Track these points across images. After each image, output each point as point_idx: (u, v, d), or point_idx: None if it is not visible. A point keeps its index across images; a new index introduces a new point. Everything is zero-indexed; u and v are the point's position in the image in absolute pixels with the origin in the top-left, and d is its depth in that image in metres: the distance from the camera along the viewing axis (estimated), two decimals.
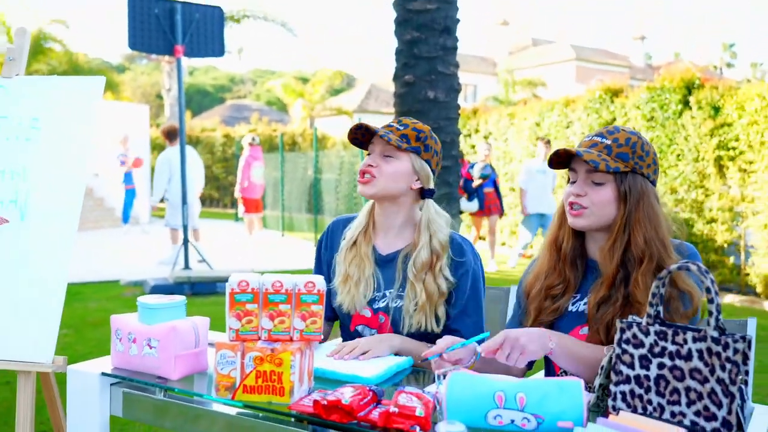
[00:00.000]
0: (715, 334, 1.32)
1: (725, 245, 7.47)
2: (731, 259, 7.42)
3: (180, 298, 1.63)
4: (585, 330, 1.64)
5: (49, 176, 2.07)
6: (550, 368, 1.74)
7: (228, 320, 1.42)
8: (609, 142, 1.61)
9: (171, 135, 8.43)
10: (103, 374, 1.60)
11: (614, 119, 8.94)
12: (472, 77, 33.47)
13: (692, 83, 7.95)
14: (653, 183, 1.64)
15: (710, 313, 1.33)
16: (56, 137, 2.10)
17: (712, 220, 7.52)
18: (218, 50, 7.31)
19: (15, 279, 2.00)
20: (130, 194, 12.87)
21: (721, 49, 31.84)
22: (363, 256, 1.92)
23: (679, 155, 7.87)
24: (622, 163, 1.59)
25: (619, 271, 1.60)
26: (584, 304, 1.66)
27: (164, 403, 1.54)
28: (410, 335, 1.85)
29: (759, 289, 7.06)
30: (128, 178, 12.81)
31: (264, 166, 11.44)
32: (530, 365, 1.78)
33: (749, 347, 1.32)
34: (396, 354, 1.76)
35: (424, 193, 1.90)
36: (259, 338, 1.42)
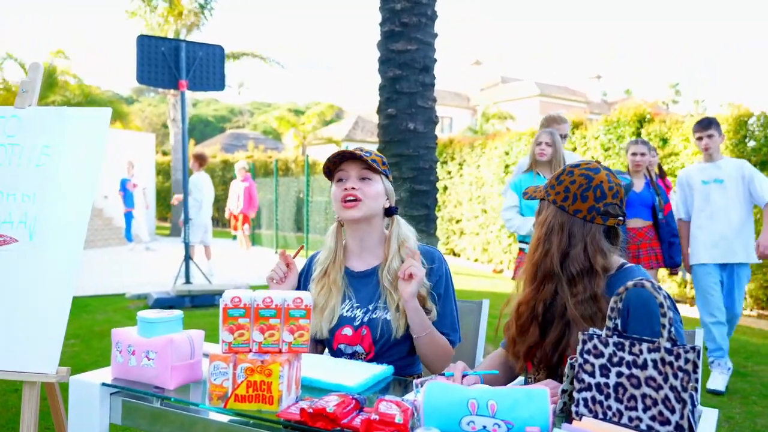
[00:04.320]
0: (668, 345, 1.31)
1: None
2: (680, 275, 7.46)
3: (177, 313, 1.59)
4: None
5: (56, 199, 2.02)
6: (526, 377, 1.72)
7: (221, 333, 1.38)
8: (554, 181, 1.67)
9: (201, 161, 8.55)
10: (104, 384, 1.54)
11: (575, 149, 9.03)
12: (448, 111, 33.75)
13: (644, 117, 8.06)
14: (589, 220, 1.58)
15: (663, 326, 1.32)
16: (65, 163, 2.06)
17: None
18: (219, 85, 7.29)
19: (23, 295, 1.94)
20: (129, 216, 12.76)
21: (668, 87, 32.37)
22: (331, 284, 1.89)
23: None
24: (559, 197, 1.63)
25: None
26: None
27: (161, 412, 1.49)
28: (402, 339, 1.82)
29: None
30: (128, 200, 12.67)
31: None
32: (515, 376, 1.76)
33: (699, 357, 1.31)
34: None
35: (390, 211, 1.90)
36: (251, 350, 1.38)
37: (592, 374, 1.37)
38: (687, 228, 4.41)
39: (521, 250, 4.26)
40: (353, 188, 1.81)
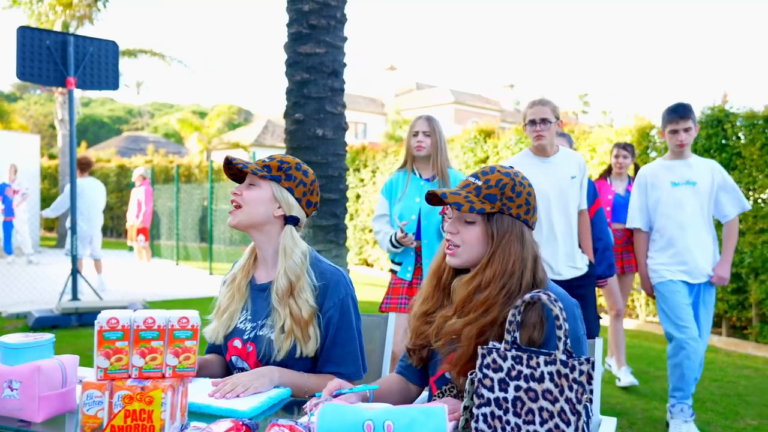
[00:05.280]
0: (564, 357, 1.36)
1: None
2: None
3: (47, 336, 1.48)
4: None
5: None
6: (430, 391, 1.73)
7: (96, 359, 1.30)
8: (480, 183, 1.58)
9: (83, 166, 8.07)
10: None
11: (487, 157, 9.32)
12: (362, 116, 33.98)
13: None
14: (526, 222, 1.59)
15: (559, 339, 1.37)
16: None
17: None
18: (112, 84, 6.96)
19: None
20: (8, 226, 11.92)
21: (577, 98, 34.17)
22: (235, 289, 1.87)
23: None
24: (489, 204, 1.56)
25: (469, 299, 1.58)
26: None
27: None
28: (285, 362, 1.77)
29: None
30: (8, 208, 11.85)
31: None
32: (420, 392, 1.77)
33: (593, 368, 1.37)
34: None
35: (288, 220, 1.85)
36: (129, 376, 1.31)
37: (491, 389, 1.40)
38: (645, 240, 3.76)
39: (394, 272, 3.60)
40: (235, 194, 1.84)
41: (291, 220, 1.84)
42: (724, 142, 6.45)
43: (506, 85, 38.08)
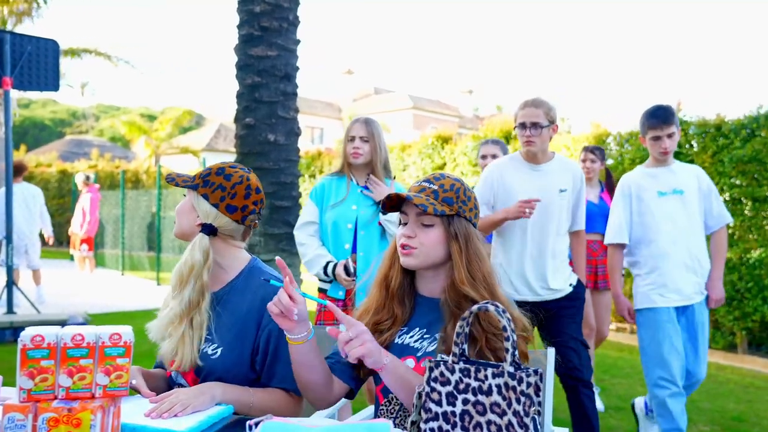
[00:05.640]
0: (511, 369, 1.37)
1: None
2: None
3: None
4: (409, 362, 1.64)
5: None
6: (377, 400, 1.71)
7: (19, 380, 1.25)
8: (435, 187, 1.65)
9: (16, 171, 7.76)
10: None
11: (445, 164, 9.40)
12: (318, 121, 33.90)
13: (509, 134, 8.57)
14: (474, 226, 1.70)
15: (506, 350, 1.38)
16: None
17: None
18: (53, 84, 6.76)
19: None
20: None
21: None
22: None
23: None
24: (448, 206, 1.63)
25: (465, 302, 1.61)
26: (411, 337, 1.67)
27: None
28: (227, 377, 1.73)
29: None
30: None
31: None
32: (352, 394, 1.74)
33: (541, 380, 1.38)
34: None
35: (203, 229, 1.80)
36: (56, 397, 1.26)
37: (438, 403, 1.40)
38: (621, 256, 3.43)
39: (323, 291, 3.18)
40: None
41: (204, 229, 1.79)
42: (677, 149, 6.65)
43: (465, 91, 38.56)
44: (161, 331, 1.77)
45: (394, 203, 1.68)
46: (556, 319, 3.14)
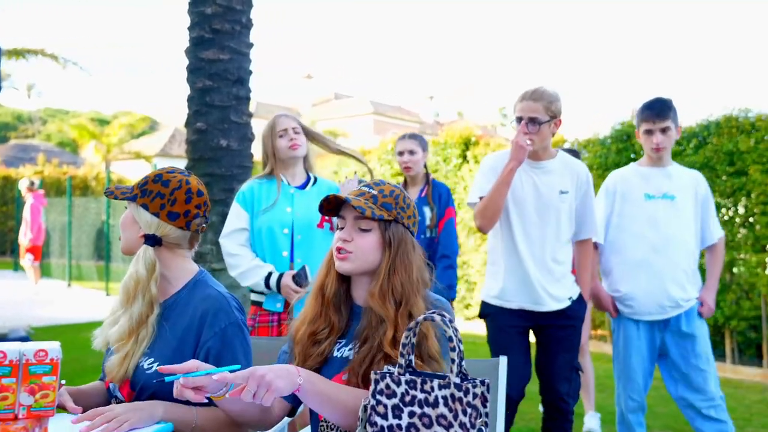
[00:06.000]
0: (458, 380, 1.37)
1: None
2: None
3: None
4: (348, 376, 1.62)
5: None
6: (314, 417, 1.69)
7: None
8: (375, 192, 1.66)
9: None
10: None
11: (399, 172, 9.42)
12: None
13: (469, 140, 8.66)
14: (412, 233, 1.70)
15: (452, 361, 1.38)
16: None
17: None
18: None
19: None
20: None
21: (497, 111, 35.35)
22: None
23: (459, 204, 8.47)
24: (386, 212, 1.63)
25: (397, 312, 1.60)
26: (349, 349, 1.65)
27: None
28: (164, 393, 1.68)
29: None
30: None
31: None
32: (294, 412, 1.71)
33: (488, 390, 1.38)
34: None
35: (147, 240, 1.76)
36: None
37: (384, 416, 1.39)
38: (596, 256, 3.24)
39: (257, 304, 2.95)
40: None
41: (148, 240, 1.75)
42: (633, 156, 6.82)
43: (426, 97, 38.87)
44: (107, 342, 1.73)
45: (332, 206, 1.67)
46: (552, 343, 2.92)
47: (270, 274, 2.79)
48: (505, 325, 2.92)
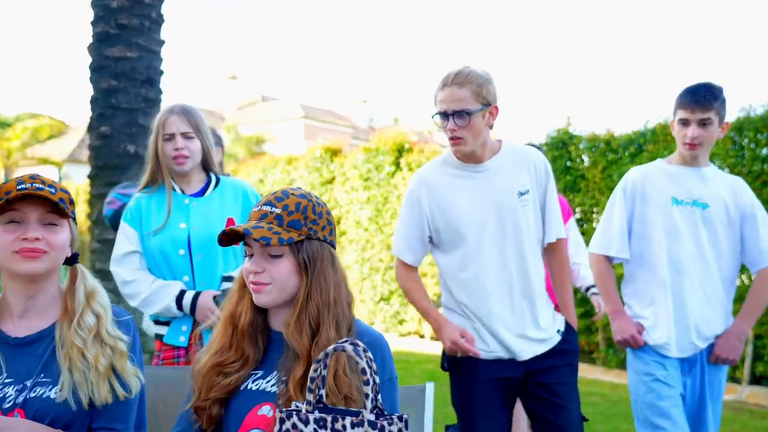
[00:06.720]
0: (372, 417, 1.29)
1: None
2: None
3: None
4: (265, 409, 1.52)
5: None
6: None
7: None
8: (279, 211, 1.55)
9: None
10: None
11: (334, 178, 9.35)
12: None
13: (403, 146, 8.65)
14: (332, 243, 1.61)
15: (366, 396, 1.30)
16: None
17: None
18: None
19: None
20: None
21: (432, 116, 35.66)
22: None
23: (393, 214, 8.44)
24: (296, 231, 1.54)
25: (312, 344, 1.52)
26: (267, 382, 1.56)
27: None
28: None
29: None
30: None
31: None
32: None
33: (407, 427, 1.31)
34: None
35: (71, 259, 1.70)
36: None
37: None
38: (609, 266, 2.72)
39: (159, 338, 2.63)
40: (37, 239, 1.60)
41: (75, 259, 1.72)
42: (569, 164, 6.96)
43: (359, 101, 38.93)
44: None
45: (231, 237, 1.58)
46: (547, 398, 2.33)
47: (183, 292, 2.50)
48: (478, 378, 2.32)
